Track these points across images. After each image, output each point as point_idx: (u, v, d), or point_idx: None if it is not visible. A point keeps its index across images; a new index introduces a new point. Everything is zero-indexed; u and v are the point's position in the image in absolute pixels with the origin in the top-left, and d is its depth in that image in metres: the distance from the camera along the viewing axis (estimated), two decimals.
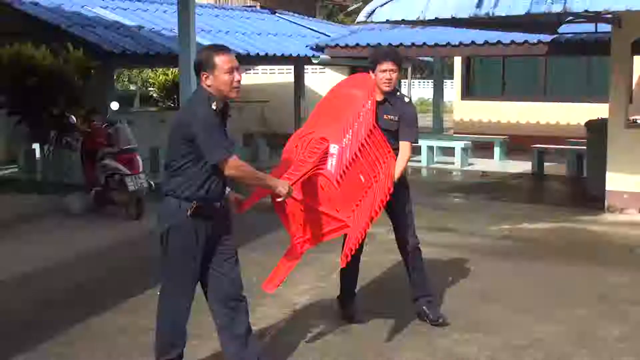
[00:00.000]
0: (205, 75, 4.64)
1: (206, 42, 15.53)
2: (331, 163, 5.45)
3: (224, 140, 4.61)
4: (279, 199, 4.97)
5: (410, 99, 6.05)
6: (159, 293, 4.92)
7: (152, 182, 10.65)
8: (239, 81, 4.69)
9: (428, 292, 6.18)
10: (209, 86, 4.64)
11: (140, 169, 10.54)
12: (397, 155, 5.75)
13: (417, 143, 6.83)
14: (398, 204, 5.86)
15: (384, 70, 5.82)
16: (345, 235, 5.40)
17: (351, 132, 5.57)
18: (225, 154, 4.57)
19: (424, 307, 6.08)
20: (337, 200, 5.40)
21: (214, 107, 4.58)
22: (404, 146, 5.86)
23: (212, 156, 4.55)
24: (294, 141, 5.74)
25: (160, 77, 22.82)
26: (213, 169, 4.60)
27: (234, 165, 4.59)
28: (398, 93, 6.01)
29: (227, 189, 4.85)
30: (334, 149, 5.49)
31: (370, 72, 5.93)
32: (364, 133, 5.57)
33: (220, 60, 4.61)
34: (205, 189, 4.64)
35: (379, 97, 5.87)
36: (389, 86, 5.86)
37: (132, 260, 8.36)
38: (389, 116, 5.86)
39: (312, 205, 5.43)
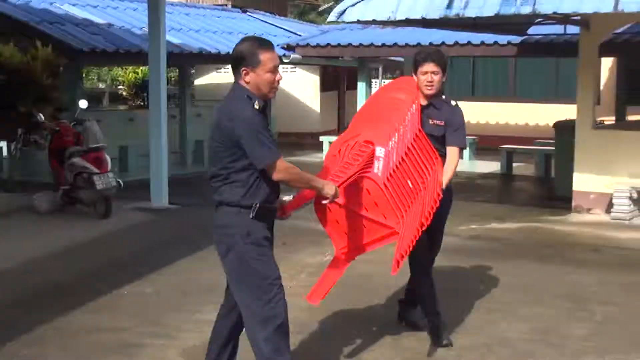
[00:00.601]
0: (245, 71, 4.30)
1: (176, 41, 15.51)
2: (378, 166, 5.11)
3: (270, 142, 4.27)
4: (324, 201, 4.67)
5: (457, 103, 5.73)
6: (245, 316, 4.45)
7: (120, 181, 10.61)
8: (279, 81, 4.39)
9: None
10: (247, 83, 4.31)
11: (109, 168, 10.48)
12: (443, 161, 5.48)
13: (466, 148, 6.58)
14: (441, 213, 5.44)
15: (425, 73, 5.52)
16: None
17: (397, 136, 5.24)
18: (273, 157, 4.26)
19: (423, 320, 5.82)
20: (384, 206, 5.05)
21: (256, 106, 4.27)
22: (452, 152, 5.56)
23: (260, 160, 4.23)
24: (337, 146, 5.37)
25: (130, 76, 22.72)
26: (262, 172, 4.29)
27: (283, 168, 4.30)
28: (443, 96, 5.71)
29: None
30: (380, 151, 5.14)
31: (413, 74, 5.65)
32: (410, 137, 5.27)
33: (265, 57, 4.29)
34: (262, 193, 4.32)
35: (423, 101, 5.56)
36: (431, 89, 5.54)
37: (99, 259, 8.30)
38: (435, 121, 5.56)
39: (357, 211, 5.10)
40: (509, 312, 6.47)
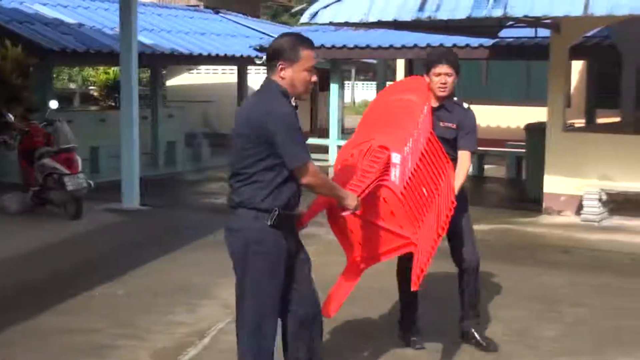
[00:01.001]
0: (282, 66, 4.08)
1: (148, 41, 15.44)
2: (394, 174, 4.84)
3: (304, 142, 4.11)
4: (345, 213, 4.46)
5: (469, 106, 5.59)
6: (237, 320, 4.33)
7: (91, 182, 10.54)
8: (314, 83, 4.24)
9: (477, 314, 5.77)
10: (282, 79, 4.10)
11: (79, 169, 10.40)
12: (453, 165, 5.30)
13: (478, 152, 6.28)
14: (458, 218, 5.31)
15: (439, 74, 5.37)
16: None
17: (411, 141, 4.97)
18: (305, 158, 4.06)
19: (472, 330, 5.71)
20: (401, 215, 4.83)
21: (293, 103, 4.09)
22: (464, 156, 5.46)
23: (293, 159, 4.02)
24: (347, 151, 5.13)
25: (101, 76, 22.57)
26: (290, 174, 4.08)
27: (313, 172, 4.09)
28: (455, 98, 5.54)
29: None
30: (396, 158, 4.86)
31: (425, 75, 5.46)
32: (423, 142, 4.99)
33: (306, 54, 4.11)
34: (283, 198, 4.09)
35: (435, 103, 5.40)
36: (444, 91, 5.38)
37: (70, 260, 8.24)
38: (446, 123, 5.41)
39: (373, 221, 4.85)
40: (483, 314, 6.49)
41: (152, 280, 7.43)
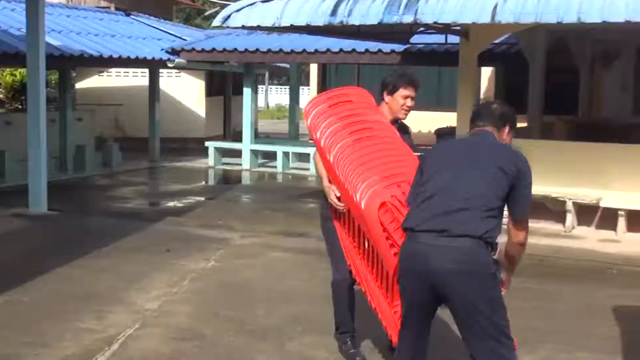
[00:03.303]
0: (508, 129, 4.34)
1: (56, 43, 15.10)
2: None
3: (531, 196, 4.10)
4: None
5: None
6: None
7: None
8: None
9: None
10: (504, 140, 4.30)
11: None
12: None
13: None
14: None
15: (406, 97, 5.29)
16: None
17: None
18: (527, 211, 4.07)
19: None
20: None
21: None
22: None
23: (521, 211, 4.04)
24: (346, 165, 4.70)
25: (8, 78, 22.00)
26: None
27: (527, 226, 4.11)
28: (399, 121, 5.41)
29: None
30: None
31: (386, 94, 5.28)
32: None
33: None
34: (498, 239, 4.01)
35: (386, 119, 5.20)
36: (406, 114, 5.36)
37: None
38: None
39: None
40: None
41: (60, 286, 7.26)
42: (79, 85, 21.66)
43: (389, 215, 4.35)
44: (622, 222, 10.12)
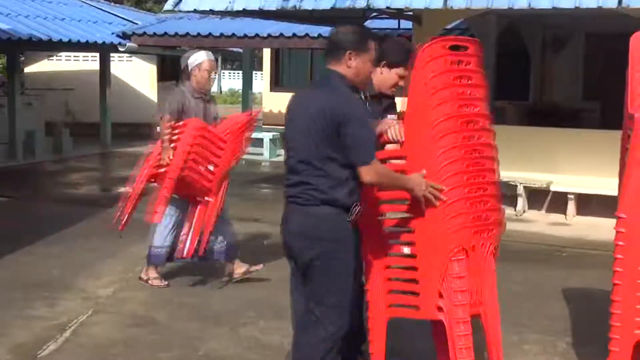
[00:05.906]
0: (351, 55, 3.87)
1: (4, 27, 14.82)
2: None
3: (374, 138, 3.85)
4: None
5: None
6: (312, 319, 3.95)
7: None
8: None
9: None
10: (348, 67, 3.88)
11: None
12: None
13: None
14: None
15: (402, 77, 4.76)
16: None
17: None
18: (374, 156, 3.77)
19: None
20: None
21: (362, 97, 3.95)
22: None
23: (360, 156, 3.73)
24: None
25: None
26: (353, 170, 3.77)
27: (377, 171, 3.77)
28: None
29: None
30: None
31: (379, 66, 4.63)
32: None
33: (372, 46, 3.93)
34: (354, 194, 3.81)
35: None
36: (394, 92, 4.87)
37: None
38: (394, 114, 4.85)
39: None
40: None
41: (9, 274, 7.15)
42: (28, 69, 21.31)
43: None
44: (571, 206, 10.29)
